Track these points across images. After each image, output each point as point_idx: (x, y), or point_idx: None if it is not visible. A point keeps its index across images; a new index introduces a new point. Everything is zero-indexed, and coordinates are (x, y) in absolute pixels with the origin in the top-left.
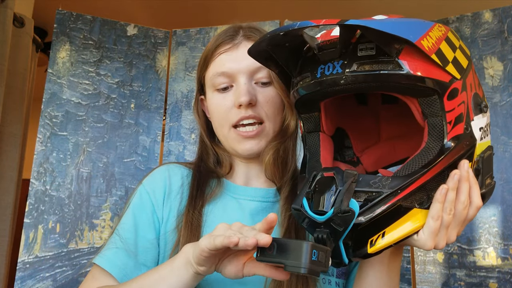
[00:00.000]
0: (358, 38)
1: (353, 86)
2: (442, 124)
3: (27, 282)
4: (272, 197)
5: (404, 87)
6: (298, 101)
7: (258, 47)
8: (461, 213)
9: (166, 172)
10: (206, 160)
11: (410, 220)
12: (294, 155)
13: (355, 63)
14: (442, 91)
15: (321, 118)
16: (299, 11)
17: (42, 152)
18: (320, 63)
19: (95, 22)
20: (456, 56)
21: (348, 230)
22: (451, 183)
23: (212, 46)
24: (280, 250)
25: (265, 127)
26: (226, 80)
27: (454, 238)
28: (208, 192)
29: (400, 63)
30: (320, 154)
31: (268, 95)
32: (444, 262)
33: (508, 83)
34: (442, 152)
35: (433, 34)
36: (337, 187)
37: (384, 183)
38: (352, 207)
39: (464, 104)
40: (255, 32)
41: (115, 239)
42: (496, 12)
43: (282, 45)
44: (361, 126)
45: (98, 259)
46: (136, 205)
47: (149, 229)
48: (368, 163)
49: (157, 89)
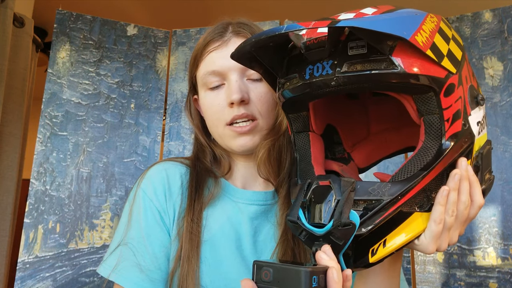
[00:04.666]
0: (348, 36)
1: (344, 88)
2: (440, 122)
3: (27, 282)
4: (270, 199)
5: (398, 86)
6: (286, 102)
7: (242, 50)
8: (463, 214)
9: (163, 172)
10: (203, 158)
11: (411, 225)
12: (290, 151)
13: (346, 63)
14: (439, 88)
15: (310, 117)
16: (299, 11)
17: (42, 152)
18: (308, 63)
19: (95, 22)
20: (451, 48)
21: (348, 243)
22: (452, 183)
23: (201, 45)
24: (277, 277)
25: (258, 123)
26: (217, 79)
27: (456, 239)
28: (207, 194)
29: (393, 61)
30: (311, 155)
31: (261, 91)
32: (444, 262)
33: (508, 83)
34: (441, 152)
35: (427, 27)
36: (335, 197)
37: (383, 190)
38: (352, 219)
39: (461, 99)
40: (245, 27)
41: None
42: (496, 12)
43: (266, 46)
44: (350, 121)
45: (115, 277)
46: (143, 218)
47: (164, 239)
48: (360, 159)
49: (157, 89)
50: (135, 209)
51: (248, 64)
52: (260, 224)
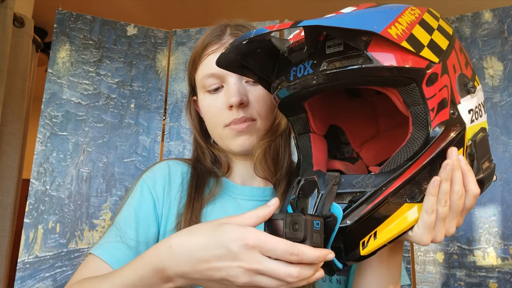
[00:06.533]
0: (326, 36)
1: (326, 85)
2: (425, 112)
3: (27, 282)
4: (269, 195)
5: (379, 80)
6: (280, 105)
7: (225, 58)
8: (457, 204)
9: (166, 168)
10: (203, 160)
11: (402, 216)
12: (288, 151)
13: (324, 61)
14: (419, 78)
15: (309, 119)
16: (299, 11)
17: (42, 152)
18: (293, 65)
19: (95, 22)
20: (433, 39)
21: (333, 235)
22: (443, 174)
23: (200, 47)
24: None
25: (256, 123)
26: (216, 81)
27: (454, 230)
28: (207, 193)
29: (369, 56)
30: (312, 156)
31: (259, 93)
32: (444, 262)
33: (508, 83)
34: (427, 142)
35: (404, 20)
36: (319, 192)
37: (367, 182)
38: (333, 212)
39: (447, 87)
40: (243, 29)
41: (115, 232)
42: (496, 12)
43: (253, 52)
44: (356, 121)
45: (96, 250)
46: (137, 199)
47: (151, 224)
48: (368, 158)
49: (157, 89)
50: (132, 195)
51: (240, 72)
52: None
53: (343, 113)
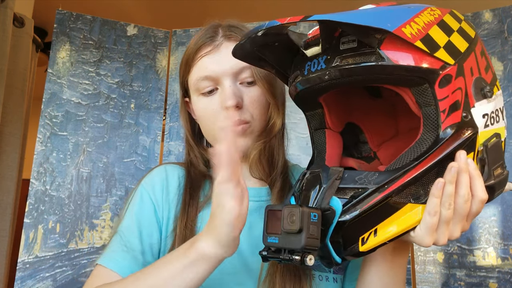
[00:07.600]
0: (341, 32)
1: (339, 81)
2: (436, 114)
3: (27, 282)
4: (265, 195)
5: (391, 78)
6: (296, 99)
7: (241, 48)
8: (462, 208)
9: (163, 173)
10: (196, 163)
11: (405, 216)
12: (282, 151)
13: (337, 57)
14: (432, 79)
15: (325, 114)
16: (300, 11)
17: (42, 152)
18: (308, 60)
19: (95, 22)
20: (451, 40)
21: (331, 228)
22: (448, 176)
23: (192, 49)
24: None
25: (251, 125)
26: (210, 84)
27: (458, 234)
28: (202, 196)
29: (381, 54)
30: (326, 151)
31: (254, 95)
32: (444, 262)
33: (508, 83)
34: (436, 143)
35: (421, 19)
36: (321, 185)
37: (370, 179)
38: (332, 205)
39: (462, 90)
40: (235, 30)
41: (119, 241)
42: (496, 12)
43: (271, 45)
44: (376, 120)
45: (103, 260)
46: (138, 206)
47: (153, 230)
48: (385, 158)
49: (157, 89)
50: (132, 202)
51: (256, 64)
52: (255, 220)
53: (362, 111)
